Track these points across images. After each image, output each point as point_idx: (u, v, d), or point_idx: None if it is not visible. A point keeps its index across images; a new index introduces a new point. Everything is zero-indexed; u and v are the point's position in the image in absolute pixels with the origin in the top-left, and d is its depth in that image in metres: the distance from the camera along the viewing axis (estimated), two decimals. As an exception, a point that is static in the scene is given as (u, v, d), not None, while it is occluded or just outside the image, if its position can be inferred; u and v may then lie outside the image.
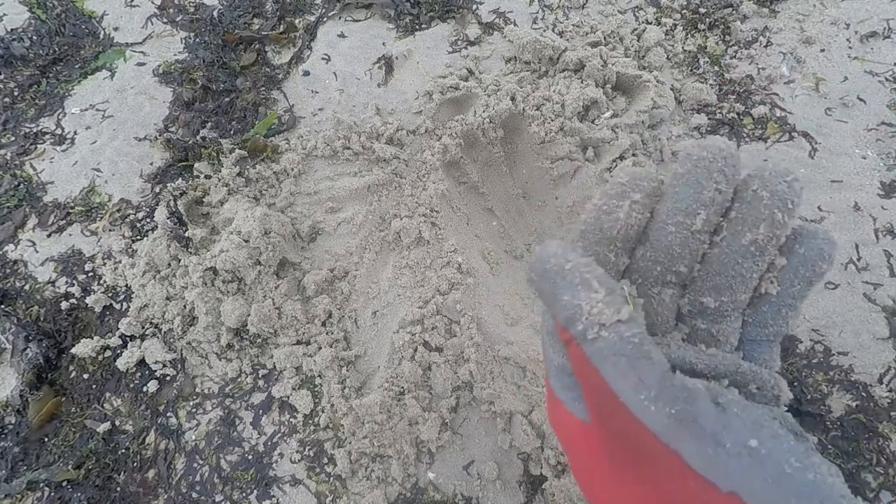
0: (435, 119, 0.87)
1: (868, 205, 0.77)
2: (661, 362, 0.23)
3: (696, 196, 0.25)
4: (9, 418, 0.71)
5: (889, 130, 0.82)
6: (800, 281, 0.26)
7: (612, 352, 0.23)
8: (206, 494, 0.66)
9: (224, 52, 0.99)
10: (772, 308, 0.27)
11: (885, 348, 0.67)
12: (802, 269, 0.26)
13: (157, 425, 0.70)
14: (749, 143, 0.84)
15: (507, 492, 0.64)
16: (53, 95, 0.98)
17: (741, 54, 0.92)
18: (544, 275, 0.26)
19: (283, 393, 0.69)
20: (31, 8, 1.08)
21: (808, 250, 0.26)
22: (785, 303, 0.27)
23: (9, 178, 0.90)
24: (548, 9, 1.00)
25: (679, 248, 0.26)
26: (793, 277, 0.26)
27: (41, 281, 0.80)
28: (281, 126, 0.90)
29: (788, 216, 0.25)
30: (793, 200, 0.25)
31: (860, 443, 0.63)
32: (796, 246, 0.26)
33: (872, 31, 0.91)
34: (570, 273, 0.25)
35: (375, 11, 1.02)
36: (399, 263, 0.77)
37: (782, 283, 0.26)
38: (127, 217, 0.84)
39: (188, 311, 0.73)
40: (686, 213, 0.25)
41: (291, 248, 0.77)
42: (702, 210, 0.25)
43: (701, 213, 0.25)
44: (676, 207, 0.26)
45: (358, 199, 0.82)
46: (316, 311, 0.73)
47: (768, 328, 0.27)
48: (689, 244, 0.26)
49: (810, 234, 0.26)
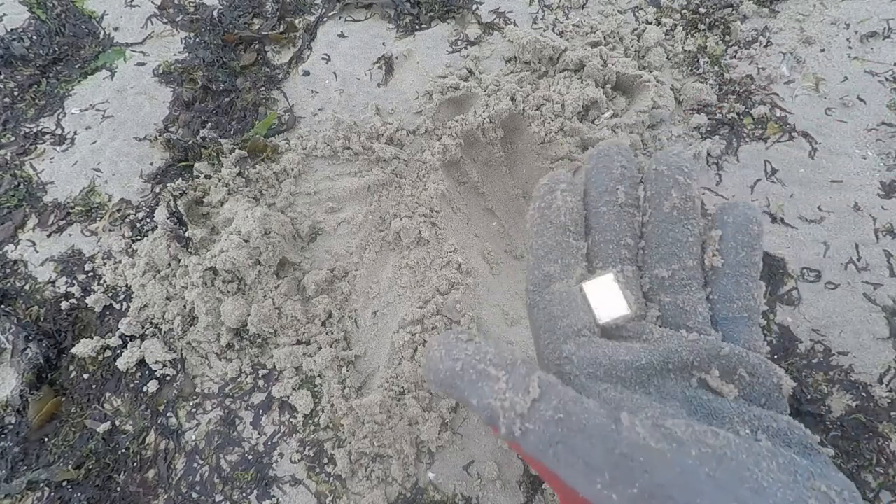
0: (435, 119, 0.87)
1: (868, 205, 0.77)
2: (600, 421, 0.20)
3: (609, 175, 0.30)
4: (9, 418, 0.71)
5: (889, 130, 0.82)
6: (741, 247, 0.29)
7: (546, 442, 0.21)
8: (206, 494, 0.66)
9: (224, 52, 0.99)
10: (729, 280, 0.29)
11: (885, 348, 0.67)
12: (739, 235, 0.29)
13: (157, 425, 0.70)
14: (749, 143, 0.84)
15: (507, 492, 0.64)
16: (53, 95, 0.98)
17: (741, 54, 0.92)
18: (443, 383, 0.25)
19: (283, 393, 0.69)
20: (31, 8, 1.08)
21: (735, 217, 0.30)
22: (739, 272, 0.29)
23: (9, 178, 0.90)
24: (548, 9, 1.00)
25: (617, 223, 0.30)
26: (733, 245, 0.29)
27: (41, 281, 0.80)
28: (281, 126, 0.90)
29: (688, 177, 0.30)
30: (686, 165, 0.30)
31: (860, 443, 0.63)
32: (724, 217, 0.30)
33: (872, 31, 0.91)
34: (464, 372, 0.24)
35: (375, 11, 1.02)
36: (399, 263, 0.77)
37: (726, 254, 0.29)
38: (127, 217, 0.84)
39: (188, 311, 0.73)
40: (608, 192, 0.30)
41: (291, 248, 0.77)
42: (619, 185, 0.30)
43: (619, 188, 0.30)
44: (598, 190, 0.30)
45: (358, 199, 0.82)
46: (316, 311, 0.73)
47: (735, 302, 0.29)
48: (622, 216, 0.30)
49: (733, 205, 0.30)
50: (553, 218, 0.29)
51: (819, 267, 0.74)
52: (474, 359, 0.24)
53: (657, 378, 0.26)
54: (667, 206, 0.29)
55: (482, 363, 0.24)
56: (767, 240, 0.76)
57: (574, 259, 0.29)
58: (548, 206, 0.30)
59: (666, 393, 0.26)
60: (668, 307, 0.29)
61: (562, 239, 0.29)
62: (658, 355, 0.26)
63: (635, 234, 0.30)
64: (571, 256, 0.29)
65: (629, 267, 0.30)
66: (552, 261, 0.29)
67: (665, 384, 0.26)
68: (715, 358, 0.26)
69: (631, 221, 0.30)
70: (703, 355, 0.26)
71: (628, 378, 0.25)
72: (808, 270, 0.74)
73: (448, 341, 0.26)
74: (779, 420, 0.24)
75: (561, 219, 0.29)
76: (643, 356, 0.26)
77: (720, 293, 0.29)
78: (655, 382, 0.26)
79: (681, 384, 0.26)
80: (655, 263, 0.29)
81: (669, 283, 0.29)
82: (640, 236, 0.30)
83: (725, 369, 0.26)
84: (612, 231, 0.30)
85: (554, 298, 0.28)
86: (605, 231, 0.30)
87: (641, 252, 0.30)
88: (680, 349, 0.26)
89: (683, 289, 0.29)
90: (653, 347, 0.26)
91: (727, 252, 0.29)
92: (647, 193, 0.30)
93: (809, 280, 0.73)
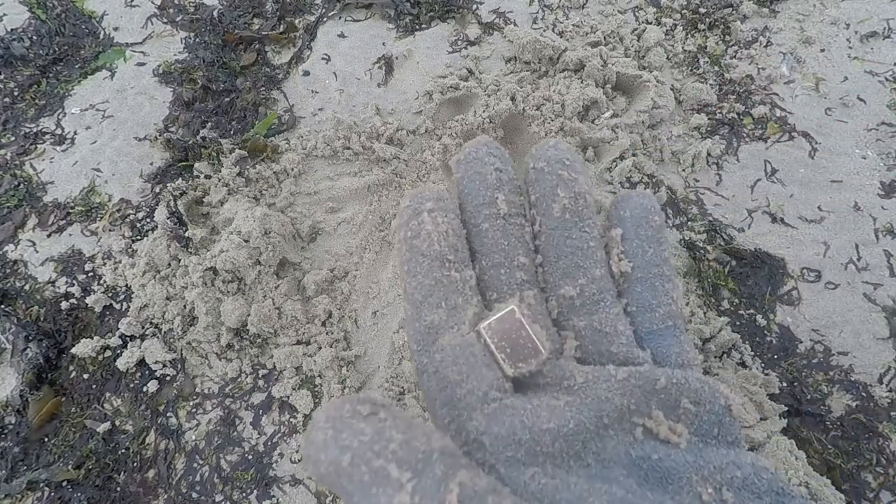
0: (435, 119, 0.87)
1: (868, 205, 0.77)
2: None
3: (483, 183, 0.25)
4: (9, 418, 0.71)
5: (889, 130, 0.82)
6: (646, 243, 0.26)
7: None
8: (206, 494, 0.66)
9: (224, 52, 0.99)
10: (644, 286, 0.25)
11: (885, 348, 0.67)
12: (641, 230, 0.26)
13: (157, 425, 0.70)
14: (749, 143, 0.84)
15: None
16: (53, 95, 0.98)
17: (741, 54, 0.92)
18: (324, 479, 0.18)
19: (283, 393, 0.69)
20: (31, 8, 1.08)
21: (632, 210, 0.26)
22: (651, 273, 0.25)
23: (9, 178, 0.90)
24: (548, 9, 1.00)
25: (504, 240, 0.25)
26: (637, 243, 0.26)
27: (41, 281, 0.80)
28: (281, 126, 0.90)
29: (571, 171, 0.25)
30: (567, 158, 0.26)
31: (860, 443, 0.63)
32: (620, 212, 0.26)
33: (872, 31, 0.91)
34: (353, 469, 0.17)
35: (375, 11, 1.02)
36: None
37: (633, 255, 0.26)
38: (127, 217, 0.84)
39: (188, 311, 0.73)
40: (487, 204, 0.25)
41: (291, 248, 0.77)
42: (496, 193, 0.25)
43: (498, 196, 0.25)
44: (475, 204, 0.25)
45: (358, 199, 0.82)
46: (316, 311, 0.73)
47: (655, 311, 0.25)
48: (510, 232, 0.25)
49: (626, 197, 0.26)
50: (425, 249, 0.23)
51: (819, 267, 0.74)
52: (370, 450, 0.17)
53: (594, 442, 0.21)
54: (556, 208, 0.25)
55: (380, 457, 0.17)
56: (768, 240, 0.76)
57: (462, 297, 0.23)
58: (415, 235, 0.24)
59: (607, 459, 0.21)
60: (585, 332, 0.24)
61: (440, 274, 0.23)
62: (588, 411, 0.21)
63: (529, 250, 0.25)
64: (458, 294, 0.23)
65: (530, 291, 0.25)
66: (433, 305, 0.23)
67: (605, 447, 0.21)
68: (652, 394, 0.22)
69: (521, 235, 0.25)
70: (639, 394, 0.22)
71: (558, 452, 0.20)
72: (808, 270, 0.74)
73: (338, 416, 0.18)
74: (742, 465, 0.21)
75: (434, 248, 0.23)
76: (570, 418, 0.21)
77: (637, 303, 0.25)
78: (593, 448, 0.21)
79: (623, 441, 0.22)
80: (559, 281, 0.25)
81: (580, 301, 0.25)
82: (535, 250, 0.26)
83: (666, 404, 0.22)
84: (501, 251, 0.25)
85: (446, 357, 0.22)
86: (492, 253, 0.25)
87: (540, 270, 0.26)
88: (611, 395, 0.22)
89: (597, 306, 0.25)
90: (579, 400, 0.22)
91: (633, 253, 0.25)
92: (532, 198, 0.26)
93: (809, 280, 0.73)
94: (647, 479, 0.21)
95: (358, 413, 0.18)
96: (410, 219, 0.24)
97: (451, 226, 0.24)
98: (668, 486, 0.21)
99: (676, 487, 0.20)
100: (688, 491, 0.20)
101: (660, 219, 0.26)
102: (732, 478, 0.21)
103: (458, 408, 0.21)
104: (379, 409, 0.18)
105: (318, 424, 0.18)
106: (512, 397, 0.22)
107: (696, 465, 0.21)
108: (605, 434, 0.21)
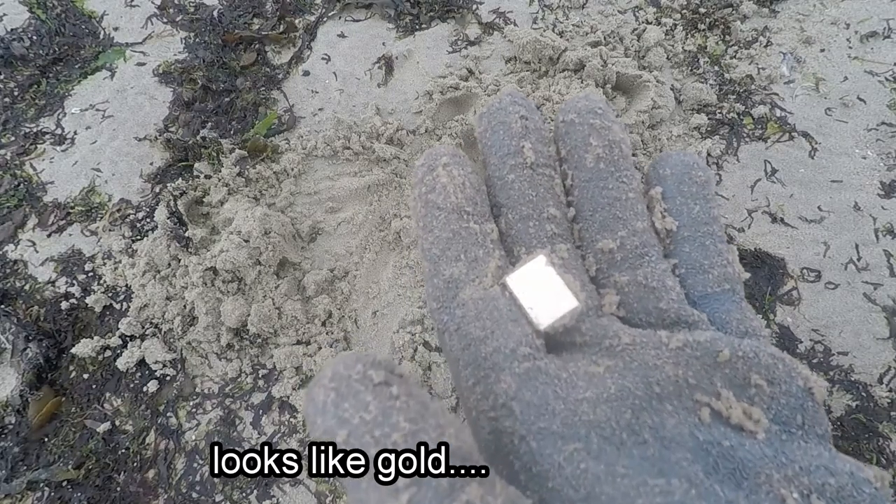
0: (435, 119, 0.87)
1: (868, 205, 0.77)
2: None
3: (508, 132, 0.23)
4: (9, 418, 0.71)
5: (889, 130, 0.82)
6: (692, 199, 0.23)
7: None
8: (206, 494, 0.66)
9: (224, 52, 0.99)
10: (692, 245, 0.23)
11: (885, 348, 0.67)
12: (684, 187, 0.23)
13: (157, 425, 0.70)
14: (749, 143, 0.84)
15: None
16: (53, 95, 0.98)
17: (741, 54, 0.92)
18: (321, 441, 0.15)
19: (283, 393, 0.69)
20: (31, 8, 1.08)
21: (672, 167, 0.24)
22: (700, 231, 0.23)
23: (9, 178, 0.90)
24: (548, 9, 1.00)
25: (532, 191, 0.23)
26: (681, 200, 0.23)
27: (41, 281, 0.80)
28: (281, 126, 0.90)
29: (604, 119, 0.23)
30: (599, 107, 0.24)
31: (860, 443, 0.63)
32: (660, 171, 0.24)
33: (872, 31, 0.91)
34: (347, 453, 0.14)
35: (375, 11, 1.02)
36: (399, 263, 0.77)
37: (677, 213, 0.23)
38: (127, 217, 0.84)
39: (188, 311, 0.73)
40: (512, 154, 0.23)
41: (291, 248, 0.77)
42: (523, 141, 0.23)
43: (525, 144, 0.23)
44: (499, 155, 0.23)
45: (358, 199, 0.82)
46: (316, 311, 0.73)
47: (708, 272, 0.22)
48: (538, 182, 0.23)
49: (665, 156, 0.24)
50: (441, 202, 0.22)
51: (819, 267, 0.74)
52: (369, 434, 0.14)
53: (647, 414, 0.18)
54: (589, 159, 0.23)
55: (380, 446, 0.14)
56: (768, 240, 0.76)
57: (483, 249, 0.21)
58: (430, 190, 0.22)
59: (668, 438, 0.18)
60: (629, 287, 0.22)
61: (458, 226, 0.21)
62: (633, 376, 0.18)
63: (560, 202, 0.23)
64: (478, 247, 0.21)
65: (562, 245, 0.22)
66: (452, 259, 0.21)
67: (663, 423, 0.18)
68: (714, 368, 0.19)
69: (550, 186, 0.23)
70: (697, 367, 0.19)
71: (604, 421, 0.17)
72: (808, 270, 0.74)
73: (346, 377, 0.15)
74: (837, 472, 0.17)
75: (451, 199, 0.22)
76: (611, 384, 0.18)
77: (687, 264, 0.22)
78: (649, 422, 0.18)
79: (686, 421, 0.18)
80: (596, 234, 0.22)
81: (621, 256, 0.22)
82: (568, 205, 0.23)
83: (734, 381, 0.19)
84: (529, 202, 0.22)
85: (468, 312, 0.20)
86: (518, 205, 0.22)
87: (575, 227, 0.23)
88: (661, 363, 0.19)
89: (641, 260, 0.22)
90: (623, 364, 0.19)
91: (678, 211, 0.23)
92: (563, 152, 0.24)
93: (809, 280, 0.73)
94: (717, 468, 0.17)
95: (368, 379, 0.15)
96: (425, 175, 0.22)
97: (469, 179, 0.22)
98: (742, 480, 0.17)
99: (752, 485, 0.17)
100: (766, 491, 0.17)
101: (705, 174, 0.24)
102: (824, 485, 0.17)
103: (483, 368, 0.19)
104: (393, 381, 0.15)
105: (322, 381, 0.16)
106: (545, 358, 0.19)
107: (777, 462, 0.17)
108: (660, 408, 0.18)
